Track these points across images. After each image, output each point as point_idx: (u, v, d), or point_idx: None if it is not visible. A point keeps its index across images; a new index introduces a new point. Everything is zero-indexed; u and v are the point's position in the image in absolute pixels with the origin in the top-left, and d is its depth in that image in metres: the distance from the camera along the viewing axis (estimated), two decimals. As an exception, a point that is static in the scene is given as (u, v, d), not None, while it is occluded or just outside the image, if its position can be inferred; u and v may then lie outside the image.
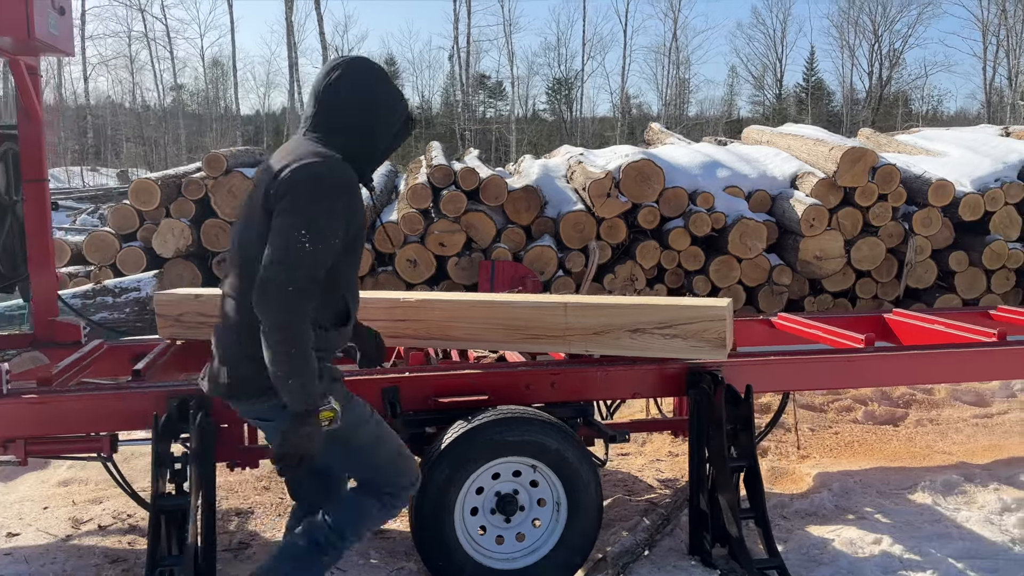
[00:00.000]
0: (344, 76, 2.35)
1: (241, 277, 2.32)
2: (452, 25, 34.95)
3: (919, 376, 3.80)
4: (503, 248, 7.25)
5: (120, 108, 38.15)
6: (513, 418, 3.09)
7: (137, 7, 35.25)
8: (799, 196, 7.58)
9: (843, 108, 42.49)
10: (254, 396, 2.32)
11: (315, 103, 2.38)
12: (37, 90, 3.80)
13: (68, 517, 3.71)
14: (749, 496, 3.28)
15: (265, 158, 2.49)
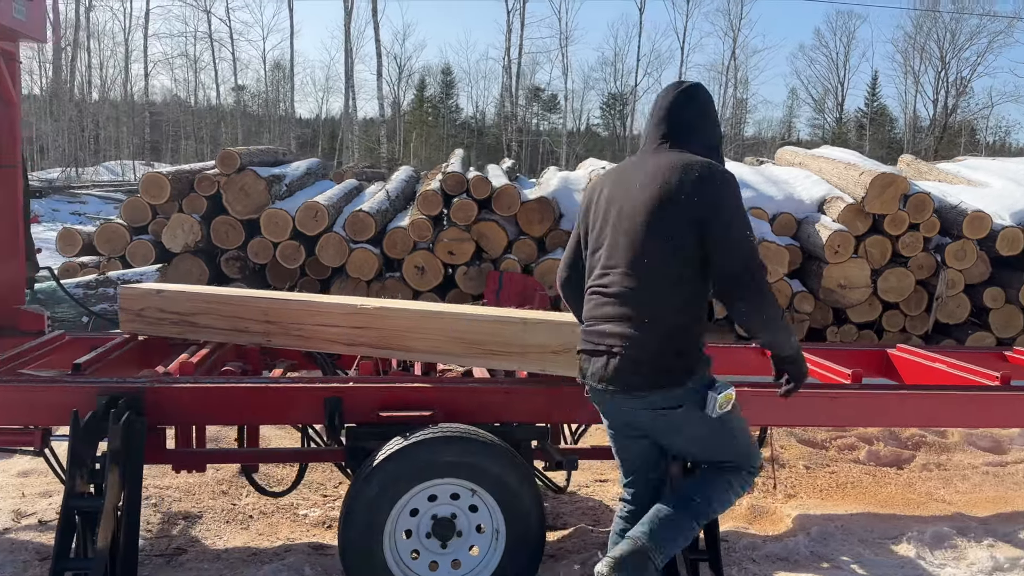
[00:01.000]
0: (699, 98, 2.64)
1: (655, 286, 2.44)
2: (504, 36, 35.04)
3: (905, 418, 3.53)
4: (513, 259, 7.09)
5: (182, 106, 39.09)
6: (451, 437, 2.92)
7: (203, 8, 36.17)
8: (825, 221, 7.25)
9: (905, 135, 41.34)
10: (674, 385, 2.45)
11: (671, 121, 2.57)
12: (14, 75, 3.77)
13: (12, 509, 3.65)
14: (705, 536, 3.04)
15: (626, 176, 2.59)
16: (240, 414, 3.21)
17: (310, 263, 7.21)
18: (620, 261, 2.49)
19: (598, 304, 2.55)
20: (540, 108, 43.41)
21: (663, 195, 2.43)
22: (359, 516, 2.87)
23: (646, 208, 2.44)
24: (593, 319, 2.56)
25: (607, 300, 2.52)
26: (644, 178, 2.50)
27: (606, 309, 2.52)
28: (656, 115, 2.62)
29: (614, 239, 2.51)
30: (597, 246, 2.57)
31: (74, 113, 31.92)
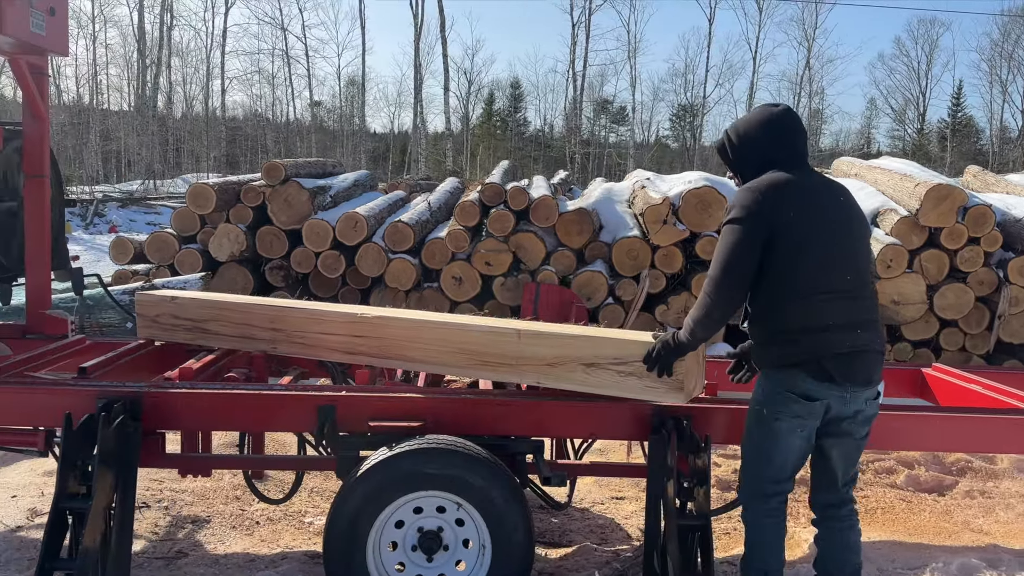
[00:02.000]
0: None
1: (872, 291, 2.80)
2: (569, 49, 35.02)
3: (924, 442, 3.31)
4: (550, 271, 7.02)
5: (259, 121, 40.33)
6: (435, 449, 2.87)
7: (280, 26, 37.31)
8: (877, 234, 6.95)
9: (991, 146, 39.57)
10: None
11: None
12: (42, 89, 3.93)
13: (28, 508, 3.76)
14: (701, 561, 2.91)
15: (820, 192, 2.77)
16: (235, 421, 3.24)
17: (350, 273, 7.29)
18: (854, 269, 2.69)
19: (847, 309, 2.64)
20: (608, 120, 43.21)
21: (858, 213, 2.80)
22: (342, 526, 2.84)
23: (858, 223, 2.78)
24: (848, 323, 2.63)
25: (856, 305, 2.66)
26: (838, 195, 2.78)
27: (861, 314, 2.67)
28: (802, 136, 2.80)
29: (844, 249, 2.68)
30: (826, 254, 2.64)
31: (156, 128, 33.28)
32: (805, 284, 2.61)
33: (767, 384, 2.71)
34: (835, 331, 2.61)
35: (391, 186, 10.51)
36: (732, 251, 2.60)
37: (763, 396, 2.71)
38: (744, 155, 2.80)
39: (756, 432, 2.74)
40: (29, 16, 3.33)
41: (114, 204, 21.00)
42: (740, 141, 2.80)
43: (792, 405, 2.64)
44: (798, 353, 2.62)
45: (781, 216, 2.58)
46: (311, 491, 4.17)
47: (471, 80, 40.42)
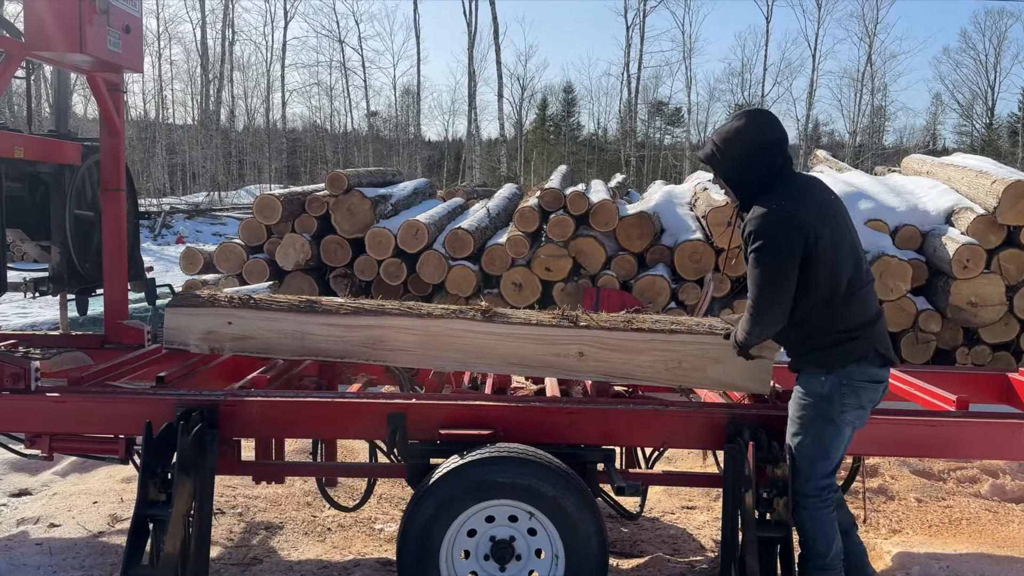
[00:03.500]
0: None
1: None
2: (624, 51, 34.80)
3: (1015, 450, 3.15)
4: (611, 275, 6.95)
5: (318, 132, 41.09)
6: (506, 458, 2.85)
7: (337, 39, 37.96)
8: (953, 234, 6.70)
9: (1066, 140, 37.99)
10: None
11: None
12: (118, 105, 4.04)
13: (109, 514, 3.86)
14: (783, 573, 2.83)
15: (829, 194, 2.97)
16: (307, 428, 3.27)
17: (412, 280, 7.33)
18: (863, 255, 2.87)
19: (875, 296, 2.91)
20: (663, 122, 42.79)
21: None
22: (416, 534, 2.84)
23: (846, 209, 2.92)
24: (880, 309, 2.88)
25: (875, 290, 2.92)
26: (826, 188, 2.92)
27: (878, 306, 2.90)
28: (786, 141, 2.86)
29: (855, 238, 2.85)
30: (852, 248, 2.80)
31: (220, 141, 34.16)
32: (850, 283, 2.74)
33: (827, 383, 2.76)
34: (879, 319, 2.83)
35: (449, 193, 10.57)
36: (775, 274, 2.69)
37: (825, 394, 2.76)
38: (743, 166, 2.81)
39: (816, 430, 2.79)
40: (107, 35, 3.43)
41: (181, 216, 21.62)
42: (737, 152, 2.81)
43: (862, 395, 2.77)
44: (861, 347, 2.76)
45: (811, 228, 2.67)
46: (380, 498, 4.19)
47: (524, 86, 40.49)
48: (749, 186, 2.82)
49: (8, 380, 3.13)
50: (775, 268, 2.68)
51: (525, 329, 3.29)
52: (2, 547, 3.49)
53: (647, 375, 3.24)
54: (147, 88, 35.54)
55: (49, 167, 4.00)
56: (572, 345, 3.27)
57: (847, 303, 2.75)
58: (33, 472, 4.45)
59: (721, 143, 2.84)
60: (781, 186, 2.76)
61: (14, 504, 4.09)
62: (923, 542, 3.69)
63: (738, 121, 2.86)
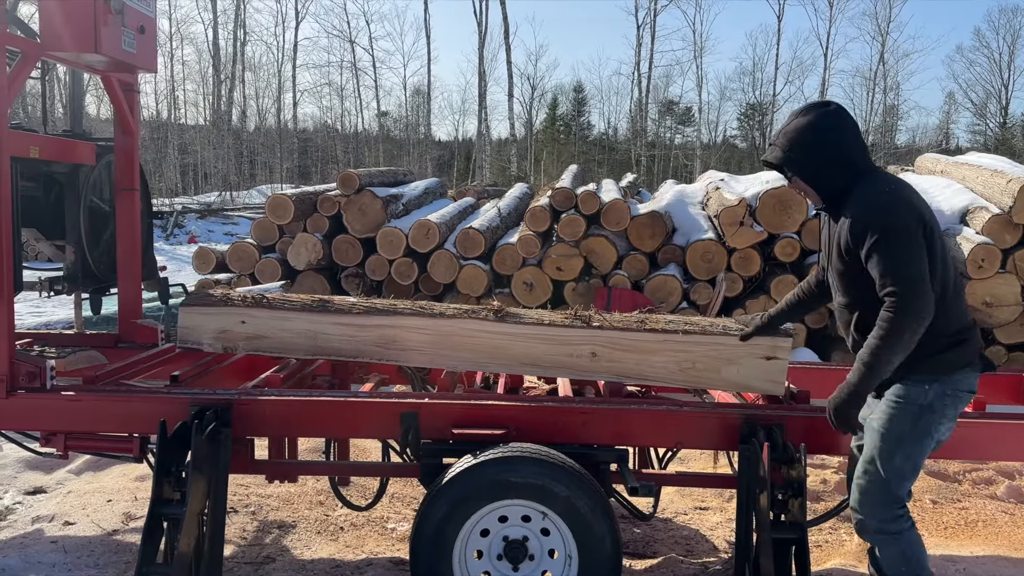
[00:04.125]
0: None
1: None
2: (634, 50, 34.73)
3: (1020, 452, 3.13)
4: (623, 275, 6.94)
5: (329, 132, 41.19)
6: (519, 457, 2.85)
7: (348, 39, 38.06)
8: (967, 233, 6.66)
9: (1082, 139, 37.68)
10: None
11: None
12: (132, 105, 4.06)
13: (123, 512, 3.87)
14: (798, 574, 2.81)
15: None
16: (320, 427, 3.27)
17: (423, 279, 7.35)
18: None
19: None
20: (674, 121, 42.69)
21: None
22: (428, 534, 2.84)
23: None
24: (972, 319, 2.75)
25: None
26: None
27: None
28: (859, 131, 2.70)
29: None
30: (946, 249, 2.64)
31: (232, 141, 34.30)
32: (954, 283, 2.60)
33: (931, 392, 2.56)
34: (975, 326, 2.68)
35: (460, 193, 10.58)
36: (914, 261, 2.45)
37: (927, 404, 2.56)
38: (823, 161, 2.63)
39: (912, 445, 2.58)
40: (121, 35, 3.44)
41: (193, 215, 21.71)
42: (815, 148, 2.63)
43: (959, 405, 2.63)
44: (969, 352, 2.60)
45: (926, 216, 2.53)
46: (392, 497, 4.19)
47: (534, 85, 40.48)
48: (835, 180, 2.63)
49: (24, 379, 3.15)
50: (912, 252, 2.45)
51: (537, 329, 3.28)
52: (18, 545, 3.51)
53: (661, 376, 3.22)
54: (159, 88, 35.75)
55: (64, 167, 4.02)
56: (585, 345, 3.26)
57: (956, 302, 2.59)
58: (48, 470, 4.48)
59: (795, 142, 2.64)
60: (874, 175, 2.61)
61: (29, 502, 4.11)
62: (939, 544, 3.66)
63: (807, 116, 2.65)
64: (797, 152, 2.65)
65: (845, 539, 3.76)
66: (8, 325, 3.13)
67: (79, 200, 4.08)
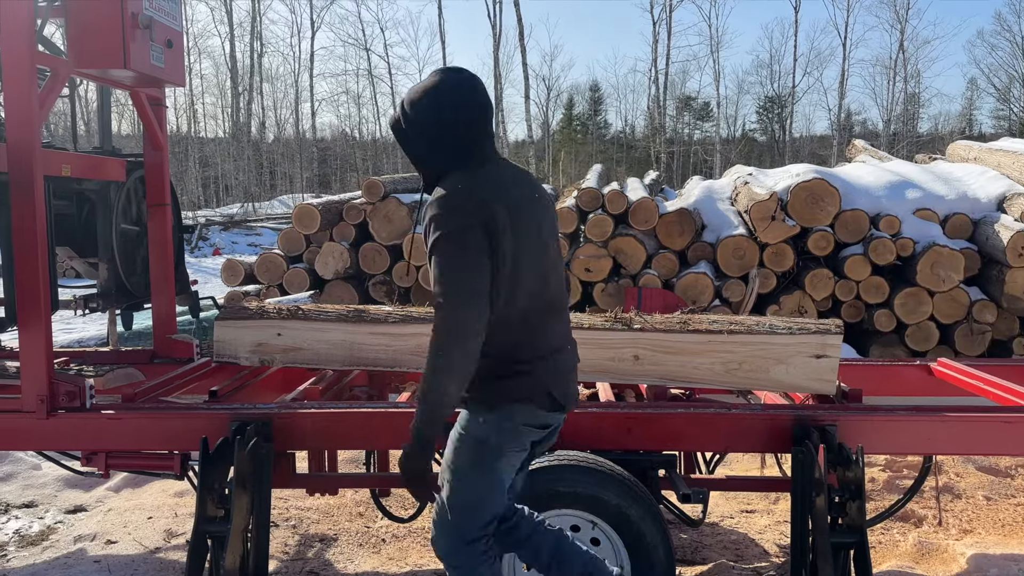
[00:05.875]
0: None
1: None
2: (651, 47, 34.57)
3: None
4: (652, 274, 6.86)
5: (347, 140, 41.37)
6: (565, 466, 2.78)
7: (363, 47, 38.23)
8: (1006, 221, 6.52)
9: (1109, 120, 36.94)
10: None
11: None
12: (161, 120, 4.04)
13: (164, 529, 3.85)
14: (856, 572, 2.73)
15: (521, 188, 2.28)
16: (361, 439, 3.23)
17: (451, 285, 7.29)
18: (558, 279, 2.35)
19: (559, 324, 2.34)
20: (692, 117, 42.46)
21: (554, 211, 2.45)
22: (476, 547, 2.78)
23: (554, 223, 2.40)
24: (563, 339, 2.36)
25: (562, 321, 2.38)
26: (534, 192, 2.31)
27: (566, 330, 2.40)
28: (488, 118, 2.25)
29: (549, 256, 2.29)
30: (541, 266, 2.24)
31: (251, 152, 34.54)
32: (540, 308, 2.23)
33: (486, 424, 2.24)
34: (550, 359, 2.27)
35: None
36: (465, 271, 2.09)
37: (483, 436, 2.24)
38: (431, 140, 2.23)
39: (476, 476, 2.28)
40: (149, 50, 3.42)
41: (216, 227, 21.86)
42: (427, 121, 2.22)
43: (523, 439, 2.27)
44: (528, 388, 2.22)
45: (504, 227, 2.11)
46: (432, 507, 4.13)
47: (550, 86, 40.40)
48: (437, 164, 2.24)
49: (63, 398, 3.13)
50: (465, 261, 2.08)
51: (577, 333, 3.18)
52: (61, 565, 3.49)
53: (706, 378, 3.15)
54: (179, 103, 36.09)
55: (95, 184, 4.02)
56: (627, 349, 3.19)
57: (530, 329, 2.22)
58: (87, 488, 4.47)
59: (410, 110, 2.23)
60: (469, 169, 2.20)
61: (70, 521, 4.11)
62: (997, 543, 3.55)
63: (431, 82, 2.23)
64: (410, 119, 2.25)
65: (899, 540, 3.66)
66: (47, 345, 3.11)
67: (111, 217, 4.07)
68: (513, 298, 2.16)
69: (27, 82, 3.00)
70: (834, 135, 35.59)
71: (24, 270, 3.08)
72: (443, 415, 2.15)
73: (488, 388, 2.22)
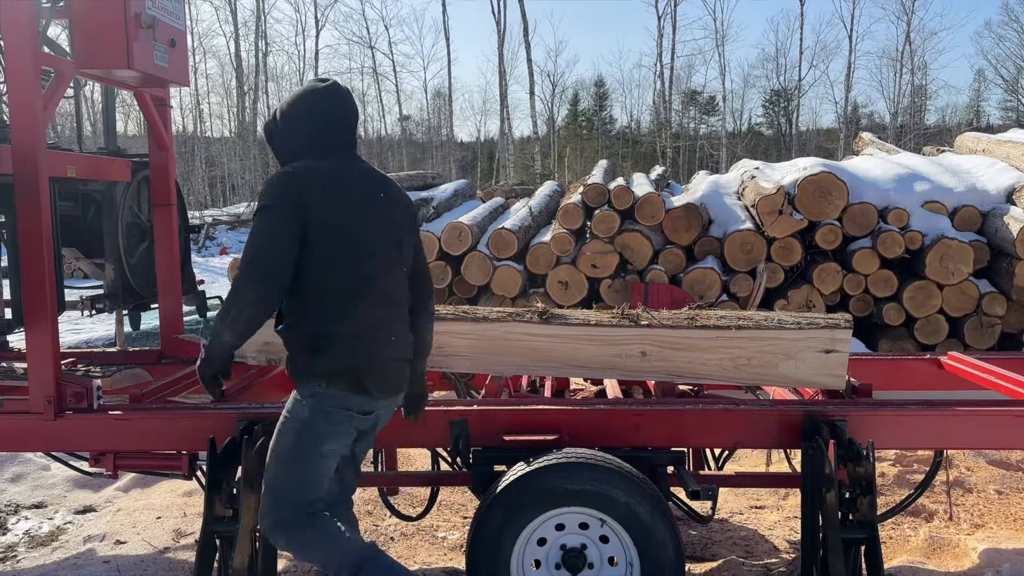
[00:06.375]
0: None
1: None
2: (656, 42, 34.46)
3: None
4: (659, 270, 6.83)
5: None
6: (575, 463, 2.77)
7: (368, 44, 38.22)
8: (1015, 212, 6.47)
9: (1118, 110, 36.69)
10: None
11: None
12: (166, 120, 4.04)
13: (173, 529, 3.86)
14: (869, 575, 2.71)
15: (364, 184, 2.56)
16: (368, 438, 3.21)
17: (457, 282, 7.29)
18: (398, 275, 2.55)
19: (384, 314, 2.50)
20: (697, 112, 42.31)
21: (413, 213, 2.68)
22: (485, 544, 2.77)
23: (403, 223, 2.58)
24: (386, 331, 2.51)
25: (393, 314, 2.54)
26: (379, 191, 2.53)
27: (395, 323, 2.55)
28: (346, 123, 2.54)
29: (386, 251, 2.51)
30: (371, 256, 2.46)
31: (258, 151, 34.57)
32: (347, 291, 2.41)
33: (308, 407, 2.46)
34: (352, 344, 2.44)
35: (488, 193, 10.52)
36: (265, 242, 2.36)
37: (306, 419, 2.46)
38: (295, 135, 2.51)
39: (296, 459, 2.48)
40: (153, 50, 3.41)
41: (223, 227, 21.90)
42: (294, 119, 2.52)
43: (343, 425, 2.48)
44: (327, 364, 2.42)
45: (319, 207, 2.36)
46: (440, 505, 4.14)
47: (555, 82, 40.31)
48: (284, 159, 2.54)
49: (71, 400, 3.13)
50: (270, 232, 2.35)
51: (585, 330, 3.20)
52: (71, 565, 3.50)
53: (714, 373, 3.13)
54: (184, 103, 36.16)
55: (100, 184, 4.02)
56: (634, 345, 3.17)
57: (336, 308, 2.41)
58: (96, 488, 4.48)
59: (287, 107, 2.54)
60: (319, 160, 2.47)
61: (79, 521, 4.12)
62: (1009, 537, 3.53)
63: (305, 87, 2.58)
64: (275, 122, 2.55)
65: (910, 535, 3.64)
66: (54, 346, 3.11)
67: (117, 217, 4.08)
68: (324, 280, 2.38)
69: (31, 83, 3.00)
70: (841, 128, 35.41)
71: (30, 271, 3.08)
72: (220, 347, 2.43)
73: (299, 360, 2.47)
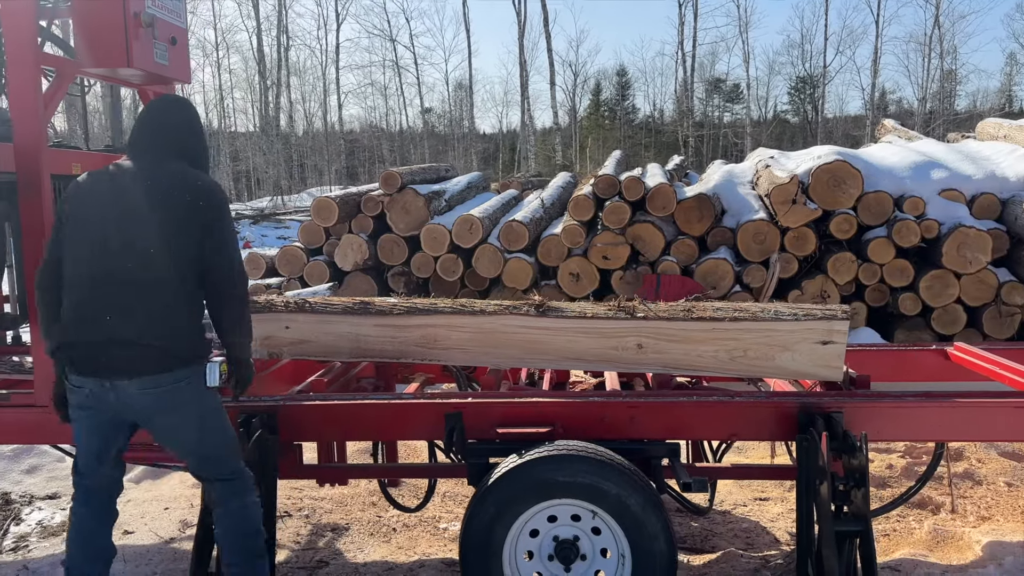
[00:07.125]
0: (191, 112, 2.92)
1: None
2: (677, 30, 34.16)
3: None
4: (671, 261, 6.80)
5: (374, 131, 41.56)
6: (565, 456, 2.77)
7: (389, 37, 38.30)
8: (1035, 199, 6.35)
9: None
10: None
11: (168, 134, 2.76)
12: (170, 117, 4.07)
13: (180, 520, 3.92)
14: (863, 568, 2.69)
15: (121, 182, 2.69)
16: (365, 430, 3.26)
17: (468, 275, 7.31)
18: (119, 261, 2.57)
19: (96, 294, 2.58)
20: (721, 100, 41.91)
21: (148, 203, 2.64)
22: (477, 535, 2.79)
23: (145, 215, 2.59)
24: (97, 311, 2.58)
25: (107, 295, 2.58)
26: (121, 187, 2.64)
27: (108, 305, 2.57)
28: (141, 128, 2.76)
29: (109, 239, 2.58)
30: (93, 244, 2.59)
31: (281, 146, 34.84)
32: (71, 280, 2.61)
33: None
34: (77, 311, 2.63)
35: (503, 185, 10.51)
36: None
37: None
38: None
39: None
40: (153, 48, 3.45)
41: (247, 221, 22.09)
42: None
43: (74, 398, 2.63)
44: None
45: (72, 201, 2.67)
46: (443, 496, 4.17)
47: (576, 72, 40.14)
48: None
49: (75, 393, 3.18)
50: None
51: (580, 323, 3.20)
52: (80, 555, 3.56)
53: (711, 365, 3.11)
54: (208, 98, 36.49)
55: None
56: (630, 337, 3.16)
57: (67, 287, 2.65)
58: (109, 480, 4.56)
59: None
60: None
61: (91, 512, 4.19)
62: (1015, 529, 3.48)
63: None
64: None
65: (914, 527, 3.60)
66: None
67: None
68: (63, 264, 2.65)
69: (32, 82, 3.05)
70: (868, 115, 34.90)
71: (33, 267, 3.13)
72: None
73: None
